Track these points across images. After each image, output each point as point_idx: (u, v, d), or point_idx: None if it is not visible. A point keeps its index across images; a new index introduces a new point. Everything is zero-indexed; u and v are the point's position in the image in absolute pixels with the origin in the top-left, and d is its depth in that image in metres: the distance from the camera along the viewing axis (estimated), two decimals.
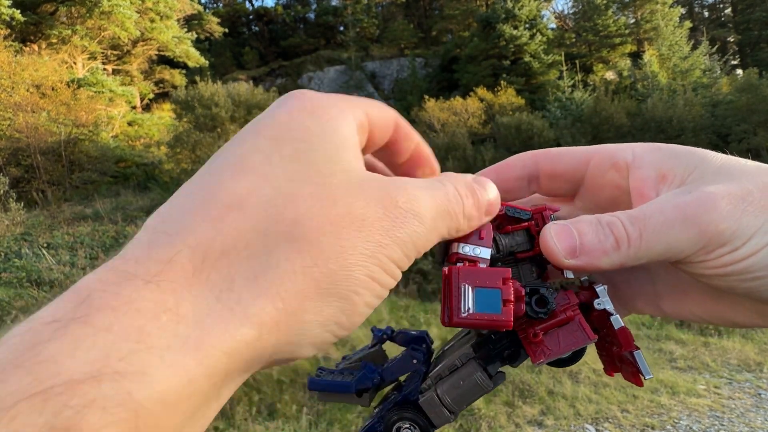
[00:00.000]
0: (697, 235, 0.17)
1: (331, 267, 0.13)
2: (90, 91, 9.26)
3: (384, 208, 0.14)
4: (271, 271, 0.12)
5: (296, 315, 0.13)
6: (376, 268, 0.14)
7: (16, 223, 5.15)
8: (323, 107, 0.15)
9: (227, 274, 0.12)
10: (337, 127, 0.15)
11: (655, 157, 0.20)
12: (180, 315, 0.11)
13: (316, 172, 0.14)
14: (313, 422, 1.93)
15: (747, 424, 1.95)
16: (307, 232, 0.13)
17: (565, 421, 1.98)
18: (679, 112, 8.01)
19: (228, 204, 0.13)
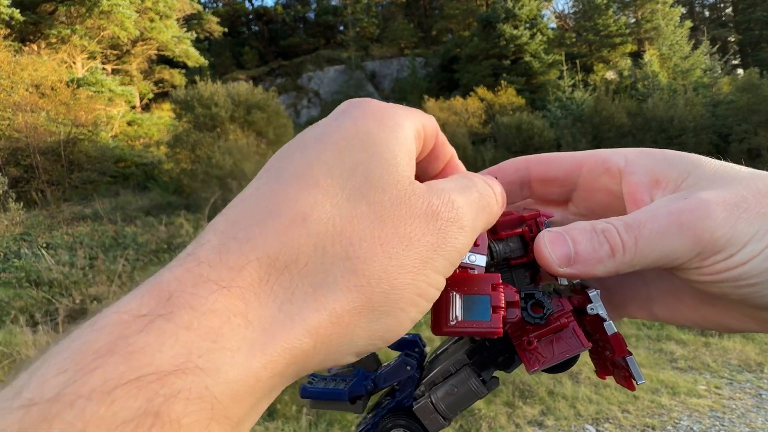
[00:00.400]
0: (693, 242, 0.17)
1: (384, 287, 0.14)
2: (89, 90, 9.26)
3: (427, 224, 0.15)
4: (328, 287, 0.13)
5: (348, 329, 0.14)
6: (423, 285, 0.15)
7: (15, 223, 5.15)
8: (388, 115, 0.16)
9: (289, 286, 0.13)
10: (399, 134, 0.16)
11: (648, 163, 0.20)
12: (248, 320, 0.12)
13: (370, 188, 0.15)
14: (313, 422, 1.92)
15: (748, 424, 1.94)
16: (360, 253, 0.14)
17: (566, 421, 1.97)
18: (680, 111, 8.01)
19: (293, 218, 0.14)
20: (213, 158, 6.27)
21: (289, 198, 0.14)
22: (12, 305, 3.03)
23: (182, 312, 0.11)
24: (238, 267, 0.13)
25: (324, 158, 0.15)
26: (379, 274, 0.14)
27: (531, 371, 0.19)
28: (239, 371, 0.11)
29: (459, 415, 0.21)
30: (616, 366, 0.19)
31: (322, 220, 0.14)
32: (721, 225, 0.17)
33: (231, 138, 6.92)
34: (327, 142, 0.15)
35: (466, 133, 9.09)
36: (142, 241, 4.48)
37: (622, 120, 8.67)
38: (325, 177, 0.14)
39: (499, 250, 0.20)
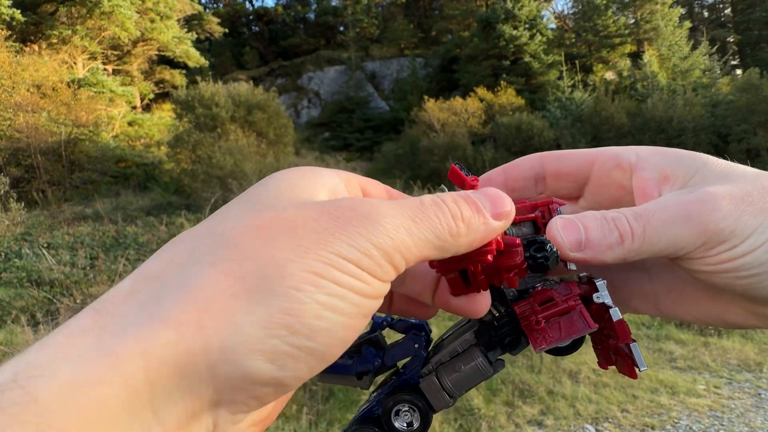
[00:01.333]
0: (699, 232, 0.17)
1: (258, 263, 0.12)
2: (90, 91, 9.26)
3: (322, 212, 0.14)
4: (195, 276, 0.12)
5: (223, 315, 0.12)
6: (318, 264, 0.13)
7: (16, 223, 5.16)
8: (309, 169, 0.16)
9: (156, 288, 0.12)
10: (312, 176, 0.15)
11: (659, 160, 0.21)
12: (104, 330, 0.11)
13: (261, 204, 0.14)
14: (314, 422, 1.93)
15: (747, 424, 1.95)
16: (231, 239, 0.13)
17: (565, 421, 1.98)
18: (679, 112, 8.02)
19: (174, 240, 0.14)
20: (213, 158, 6.28)
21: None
22: (13, 305, 3.04)
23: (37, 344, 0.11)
24: (111, 292, 0.12)
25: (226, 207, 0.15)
26: (251, 252, 0.13)
27: (538, 349, 0.19)
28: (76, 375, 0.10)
29: (464, 394, 0.21)
30: (619, 354, 0.20)
31: (199, 231, 0.14)
32: (727, 216, 0.17)
33: (232, 138, 6.93)
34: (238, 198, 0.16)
35: (465, 134, 9.09)
36: (143, 241, 4.49)
37: (621, 120, 8.68)
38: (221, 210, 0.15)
39: (512, 233, 0.20)
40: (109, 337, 0.11)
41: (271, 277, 0.12)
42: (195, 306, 0.12)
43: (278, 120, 8.09)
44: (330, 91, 15.48)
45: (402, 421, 0.22)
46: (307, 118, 14.90)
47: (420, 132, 9.78)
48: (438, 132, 9.43)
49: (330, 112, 14.57)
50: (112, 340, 0.11)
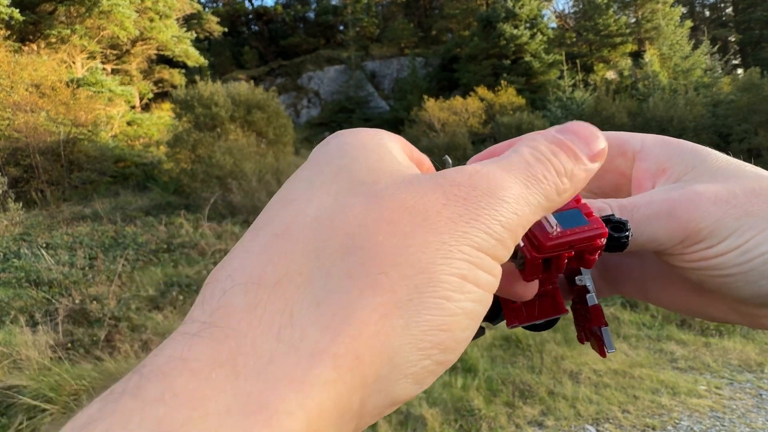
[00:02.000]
0: (678, 230, 0.17)
1: (406, 272, 0.10)
2: (89, 90, 9.25)
3: (446, 193, 0.12)
4: (334, 293, 0.10)
5: (379, 339, 0.10)
6: (463, 264, 0.11)
7: (14, 223, 5.15)
8: (364, 130, 0.15)
9: (284, 306, 0.10)
10: (379, 139, 0.14)
11: (660, 151, 0.21)
12: (238, 367, 0.09)
13: (360, 182, 0.12)
14: None
15: (748, 424, 1.94)
16: (363, 241, 0.11)
17: (566, 421, 1.97)
18: (680, 111, 8.01)
19: (274, 233, 0.11)
20: (213, 158, 6.27)
21: (270, 217, 0.12)
22: (12, 305, 3.03)
23: (151, 382, 0.09)
24: (217, 304, 0.10)
25: (303, 176, 0.13)
26: (395, 258, 0.10)
27: (510, 326, 0.21)
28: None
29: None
30: (593, 335, 0.21)
31: (308, 223, 0.11)
32: (706, 217, 0.17)
33: (231, 138, 6.92)
34: (305, 165, 0.14)
35: (466, 133, 9.08)
36: (142, 241, 4.48)
37: (622, 120, 8.67)
38: (306, 190, 0.12)
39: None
40: (252, 382, 0.09)
41: (421, 287, 0.10)
42: (348, 334, 0.10)
43: (278, 119, 8.08)
44: (330, 91, 15.46)
45: None
46: (307, 118, 14.88)
47: (420, 132, 9.77)
48: (438, 132, 9.42)
49: (330, 112, 14.56)
50: (257, 387, 0.09)
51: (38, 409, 1.88)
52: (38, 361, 2.24)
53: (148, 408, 0.08)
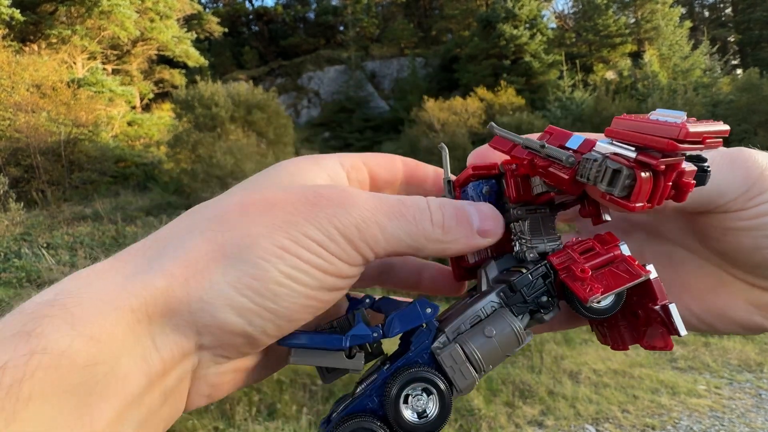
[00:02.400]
0: (743, 177, 0.18)
1: (234, 234, 0.15)
2: (90, 91, 9.25)
3: (302, 196, 0.16)
4: (188, 241, 0.16)
5: (203, 273, 0.15)
6: (285, 240, 0.15)
7: (15, 223, 5.15)
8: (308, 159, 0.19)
9: (160, 248, 0.16)
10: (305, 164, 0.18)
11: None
12: (119, 271, 0.15)
13: (257, 186, 0.17)
14: (313, 422, 1.92)
15: (747, 424, 1.94)
16: (221, 215, 0.16)
17: (566, 421, 1.97)
18: None
19: (180, 216, 0.18)
20: (213, 158, 6.27)
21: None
22: (12, 305, 3.03)
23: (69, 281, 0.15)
24: (132, 246, 0.16)
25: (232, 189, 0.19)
26: (233, 225, 0.16)
27: (590, 299, 0.17)
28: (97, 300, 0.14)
29: (491, 370, 0.18)
30: (650, 323, 0.18)
31: (201, 208, 0.18)
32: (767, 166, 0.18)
33: (231, 138, 6.92)
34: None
35: (466, 133, 9.08)
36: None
37: None
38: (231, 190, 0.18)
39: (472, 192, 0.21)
40: (122, 278, 0.15)
41: (244, 247, 0.15)
42: (184, 264, 0.15)
43: (278, 120, 8.08)
44: (330, 91, 15.46)
45: (412, 409, 0.17)
46: (307, 118, 14.88)
47: (420, 132, 9.78)
48: (438, 132, 9.42)
49: (330, 112, 14.55)
50: (123, 280, 0.15)
51: None
52: None
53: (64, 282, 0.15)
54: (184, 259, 0.15)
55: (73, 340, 0.13)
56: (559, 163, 0.17)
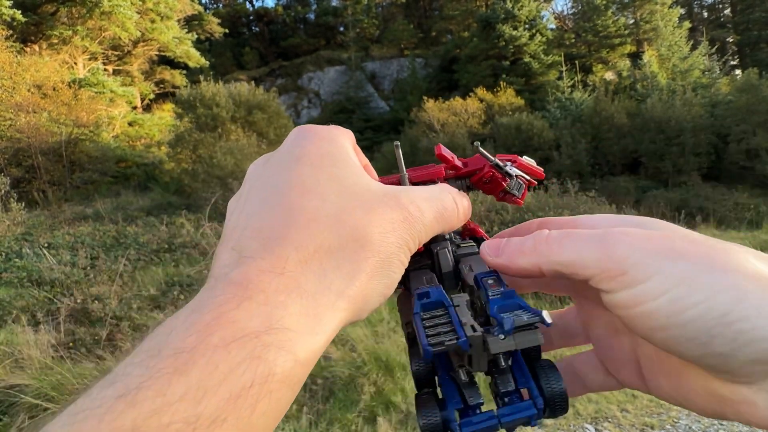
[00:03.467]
0: (600, 253, 0.18)
1: (382, 257, 0.19)
2: (91, 91, 9.28)
3: (402, 216, 0.20)
4: (348, 260, 0.18)
5: (367, 290, 0.19)
6: (403, 255, 0.20)
7: (16, 223, 5.16)
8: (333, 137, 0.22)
9: (320, 266, 0.18)
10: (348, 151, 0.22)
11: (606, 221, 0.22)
12: (303, 292, 0.17)
13: (351, 190, 0.20)
14: (314, 422, 1.93)
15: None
16: (363, 234, 0.19)
17: (565, 420, 1.98)
18: (679, 112, 8.03)
19: (308, 218, 0.18)
20: (214, 158, 6.29)
21: (299, 204, 0.19)
22: (14, 305, 3.04)
23: (258, 294, 0.16)
24: (285, 258, 0.17)
25: (307, 173, 0.20)
26: (378, 247, 0.19)
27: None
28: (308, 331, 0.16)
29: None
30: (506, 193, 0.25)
31: (330, 215, 0.19)
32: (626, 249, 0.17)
33: (232, 138, 6.94)
34: (303, 162, 0.20)
35: (465, 134, 9.10)
36: (144, 241, 4.49)
37: (621, 120, 8.69)
38: (314, 186, 0.20)
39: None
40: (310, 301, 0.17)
41: (387, 266, 0.19)
42: (357, 285, 0.18)
43: (278, 120, 8.11)
44: (330, 92, 15.49)
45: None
46: (307, 119, 14.91)
47: (420, 132, 9.79)
48: (438, 132, 9.44)
49: (330, 113, 14.58)
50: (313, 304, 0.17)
51: (40, 408, 1.88)
52: (40, 360, 2.25)
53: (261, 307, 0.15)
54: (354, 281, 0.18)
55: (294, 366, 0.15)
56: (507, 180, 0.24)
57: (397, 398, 2.00)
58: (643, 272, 0.16)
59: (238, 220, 0.19)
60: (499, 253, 0.21)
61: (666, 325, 0.16)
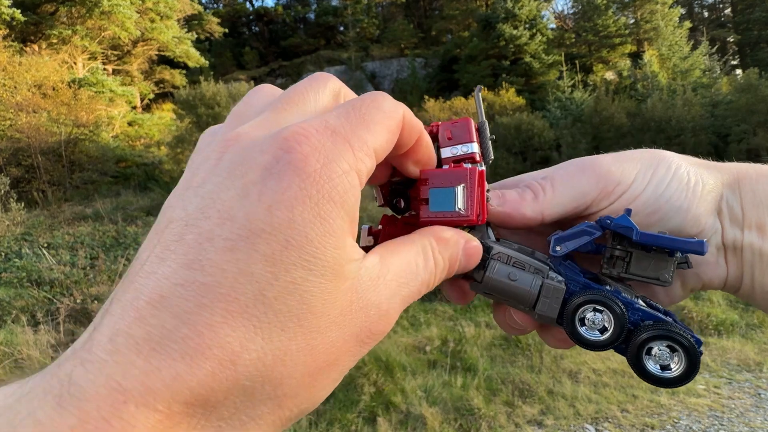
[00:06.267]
0: (594, 178, 0.22)
1: (302, 408, 0.15)
2: (90, 91, 9.26)
3: (357, 341, 0.16)
4: (254, 422, 0.14)
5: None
6: (333, 386, 0.16)
7: (16, 223, 5.15)
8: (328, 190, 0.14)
9: (216, 423, 0.13)
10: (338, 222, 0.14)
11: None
12: None
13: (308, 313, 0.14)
14: (314, 422, 1.93)
15: (747, 423, 1.95)
16: (287, 390, 0.14)
17: (565, 420, 1.98)
18: (679, 112, 8.01)
19: (221, 359, 0.13)
20: None
21: (216, 331, 0.13)
22: (13, 305, 3.04)
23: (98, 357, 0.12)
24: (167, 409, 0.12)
25: (254, 273, 0.13)
26: (301, 402, 0.15)
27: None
28: None
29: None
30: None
31: (252, 361, 0.13)
32: (611, 165, 0.22)
33: None
34: (257, 246, 0.13)
35: None
36: (143, 241, 4.48)
37: (621, 120, 8.67)
38: (255, 302, 0.13)
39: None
40: None
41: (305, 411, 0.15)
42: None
43: None
44: None
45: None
46: None
47: None
48: None
49: None
50: None
51: None
52: (40, 360, 2.24)
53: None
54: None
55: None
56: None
57: (397, 398, 2.00)
58: (628, 177, 0.22)
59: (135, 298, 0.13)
60: (502, 203, 0.23)
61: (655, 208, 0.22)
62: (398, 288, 0.17)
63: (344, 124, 0.16)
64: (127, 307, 0.13)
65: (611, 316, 0.20)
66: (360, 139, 0.16)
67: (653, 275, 0.21)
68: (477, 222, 0.20)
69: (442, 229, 0.19)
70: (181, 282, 0.13)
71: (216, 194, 0.14)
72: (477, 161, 0.21)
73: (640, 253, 0.21)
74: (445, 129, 0.22)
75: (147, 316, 0.13)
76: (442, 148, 0.22)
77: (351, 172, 0.15)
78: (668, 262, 0.21)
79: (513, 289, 0.21)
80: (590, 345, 0.20)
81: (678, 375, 0.19)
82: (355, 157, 0.15)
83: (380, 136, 0.16)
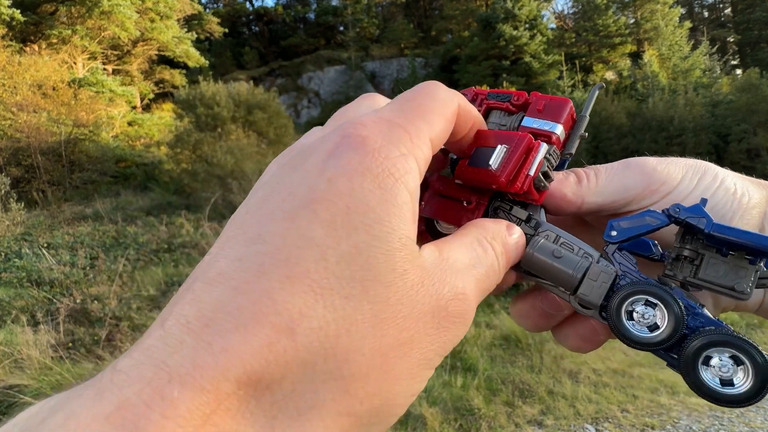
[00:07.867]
0: (640, 174, 0.22)
1: (376, 403, 0.13)
2: (90, 91, 9.26)
3: (433, 322, 0.14)
4: (315, 411, 0.12)
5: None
6: (417, 388, 0.14)
7: (16, 223, 5.15)
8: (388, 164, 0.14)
9: (270, 410, 0.11)
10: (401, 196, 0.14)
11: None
12: None
13: (373, 281, 0.12)
14: None
15: (747, 423, 1.95)
16: (354, 370, 0.12)
17: (565, 420, 1.98)
18: (679, 112, 8.01)
19: (278, 329, 0.11)
20: (214, 158, 6.29)
21: (274, 297, 0.12)
22: (13, 305, 3.03)
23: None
24: (214, 388, 0.11)
25: (315, 237, 0.12)
26: (373, 392, 0.12)
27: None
28: None
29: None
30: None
31: (314, 330, 0.12)
32: (657, 164, 0.22)
33: (232, 138, 6.93)
34: (318, 212, 0.13)
35: None
36: (143, 241, 4.49)
37: (621, 120, 8.68)
38: (316, 266, 0.12)
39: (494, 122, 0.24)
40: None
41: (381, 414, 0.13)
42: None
43: (278, 120, 8.10)
44: (330, 91, 15.48)
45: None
46: (307, 118, 14.91)
47: None
48: None
49: (330, 112, 14.35)
50: None
51: None
52: (39, 360, 2.24)
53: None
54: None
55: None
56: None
57: None
58: (674, 178, 0.22)
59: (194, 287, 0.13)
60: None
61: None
62: (468, 269, 0.16)
63: (399, 115, 0.16)
64: (185, 292, 0.12)
65: (666, 313, 0.17)
66: (417, 128, 0.16)
67: (728, 284, 0.17)
68: (506, 186, 0.18)
69: (484, 221, 0.19)
70: (240, 257, 0.12)
71: (281, 179, 0.14)
72: (551, 142, 0.20)
73: (714, 255, 0.17)
74: (540, 100, 0.22)
75: (202, 294, 0.12)
76: (528, 116, 0.21)
77: (409, 156, 0.15)
78: (748, 270, 0.17)
79: (555, 267, 0.18)
80: (635, 342, 0.17)
81: (743, 392, 0.15)
82: (413, 143, 0.15)
83: (436, 125, 0.17)
